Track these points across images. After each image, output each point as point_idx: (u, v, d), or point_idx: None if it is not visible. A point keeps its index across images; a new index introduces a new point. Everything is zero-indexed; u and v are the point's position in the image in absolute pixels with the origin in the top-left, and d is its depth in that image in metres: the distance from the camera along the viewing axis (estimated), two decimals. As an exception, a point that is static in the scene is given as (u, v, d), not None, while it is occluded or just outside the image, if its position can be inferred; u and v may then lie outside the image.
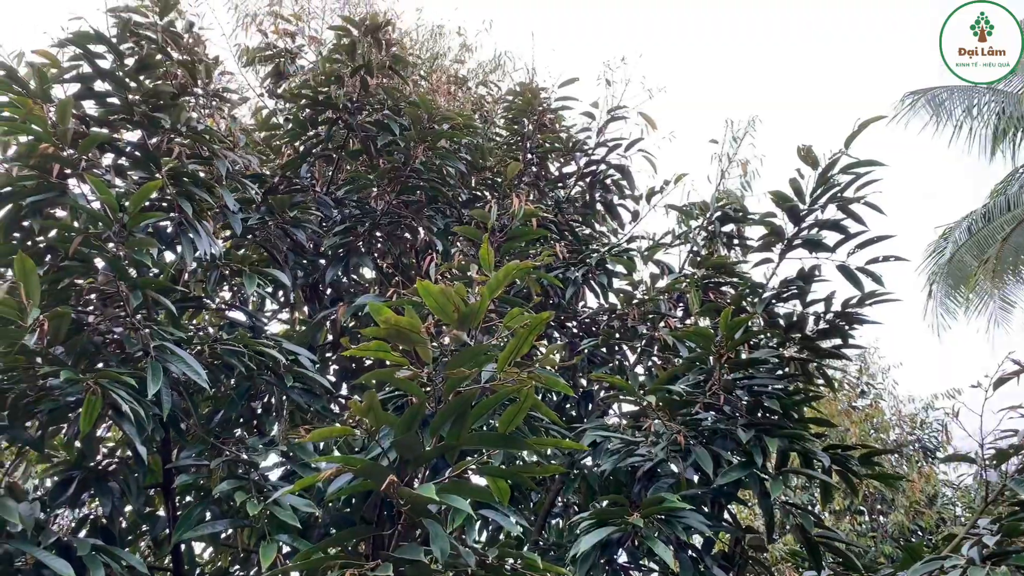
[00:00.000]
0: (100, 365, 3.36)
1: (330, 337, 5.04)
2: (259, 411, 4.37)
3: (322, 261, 4.97)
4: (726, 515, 3.86)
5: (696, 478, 3.72)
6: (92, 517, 3.70)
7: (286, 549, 3.20)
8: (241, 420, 4.25)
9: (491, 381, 2.34)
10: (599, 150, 5.59)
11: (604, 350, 4.77)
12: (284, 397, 4.07)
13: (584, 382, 4.91)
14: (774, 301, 4.20)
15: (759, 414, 3.82)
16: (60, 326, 3.05)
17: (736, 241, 5.09)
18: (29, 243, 3.47)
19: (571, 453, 4.15)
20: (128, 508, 3.67)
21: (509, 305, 3.68)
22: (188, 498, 4.03)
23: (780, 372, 4.02)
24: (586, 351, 4.71)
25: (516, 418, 2.30)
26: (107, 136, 3.73)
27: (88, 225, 3.35)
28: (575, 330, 5.18)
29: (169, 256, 4.04)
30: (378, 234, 5.03)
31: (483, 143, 5.40)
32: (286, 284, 4.29)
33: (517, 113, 5.58)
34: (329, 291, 5.10)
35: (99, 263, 3.50)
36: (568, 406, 4.99)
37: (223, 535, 4.04)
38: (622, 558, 3.39)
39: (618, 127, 5.63)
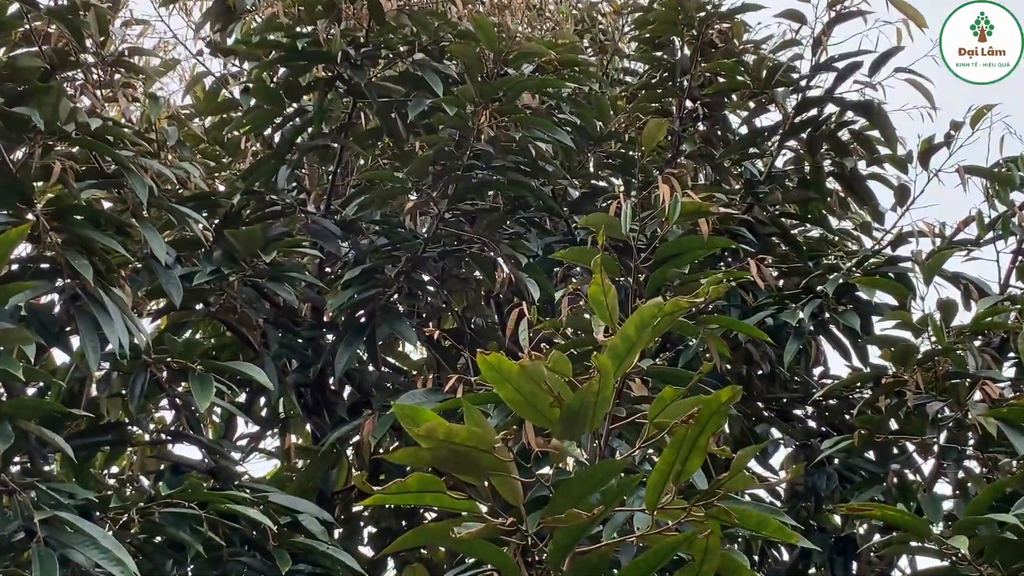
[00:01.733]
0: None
1: (355, 473, 5.05)
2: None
3: (330, 336, 5.07)
4: None
5: None
6: None
7: None
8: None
9: (639, 527, 2.43)
10: (821, 79, 5.57)
11: (869, 454, 4.70)
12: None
13: (837, 519, 4.87)
14: None
15: None
16: None
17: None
18: None
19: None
20: None
21: (671, 382, 3.57)
22: None
23: None
24: (835, 459, 4.68)
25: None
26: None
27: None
28: (810, 421, 5.21)
29: (60, 357, 4.24)
30: (424, 277, 5.10)
31: (600, 92, 5.41)
32: (268, 386, 4.38)
33: (659, 29, 5.61)
34: (347, 389, 5.21)
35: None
36: (811, 569, 4.89)
37: None
38: None
39: (851, 34, 5.56)
